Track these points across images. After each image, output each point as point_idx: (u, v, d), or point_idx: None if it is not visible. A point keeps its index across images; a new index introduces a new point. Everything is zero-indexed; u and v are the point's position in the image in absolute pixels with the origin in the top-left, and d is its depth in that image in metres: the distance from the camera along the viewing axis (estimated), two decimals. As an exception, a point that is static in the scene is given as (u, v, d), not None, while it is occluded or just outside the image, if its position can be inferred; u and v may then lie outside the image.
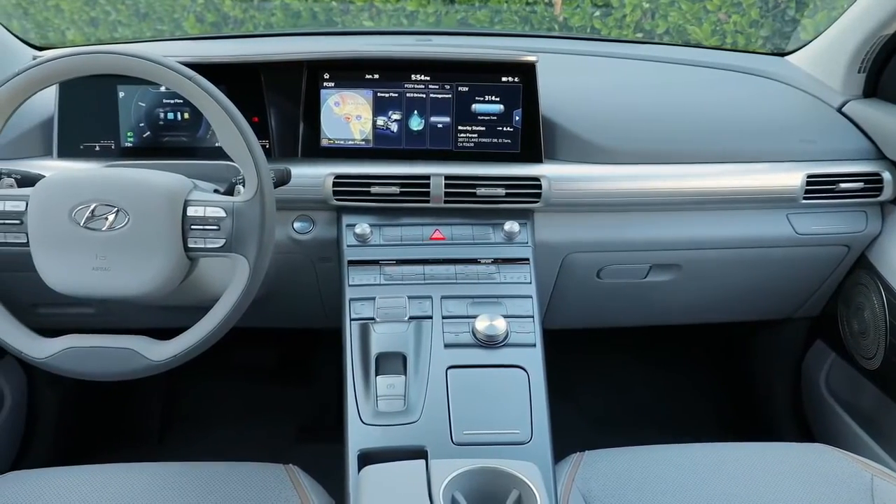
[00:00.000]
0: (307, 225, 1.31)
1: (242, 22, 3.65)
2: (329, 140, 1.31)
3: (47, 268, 0.99)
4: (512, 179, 1.27)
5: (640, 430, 1.93)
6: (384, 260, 1.25)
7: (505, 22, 3.06)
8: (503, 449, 1.02)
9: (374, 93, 1.30)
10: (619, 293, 1.49)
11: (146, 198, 0.97)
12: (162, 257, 0.98)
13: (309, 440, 1.90)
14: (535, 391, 1.09)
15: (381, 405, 1.06)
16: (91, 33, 4.09)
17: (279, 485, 1.03)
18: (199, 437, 1.93)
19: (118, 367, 0.99)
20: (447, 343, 1.14)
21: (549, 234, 1.33)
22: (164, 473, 1.05)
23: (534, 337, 1.15)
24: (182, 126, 1.32)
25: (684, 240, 1.38)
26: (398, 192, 1.26)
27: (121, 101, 1.30)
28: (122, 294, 0.99)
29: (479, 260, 1.26)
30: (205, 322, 1.00)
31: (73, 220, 0.96)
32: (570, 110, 1.37)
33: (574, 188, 1.30)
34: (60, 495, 0.99)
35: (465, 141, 1.31)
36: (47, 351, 1.00)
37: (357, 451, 1.02)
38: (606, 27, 2.94)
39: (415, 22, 3.17)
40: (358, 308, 1.18)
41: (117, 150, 1.32)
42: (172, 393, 2.00)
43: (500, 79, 1.30)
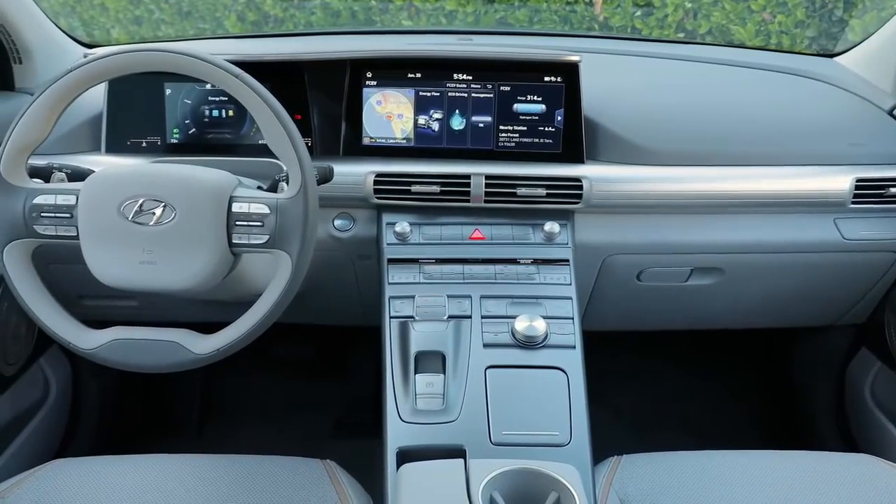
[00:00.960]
0: (347, 223, 1.32)
1: (283, 21, 3.68)
2: (370, 138, 1.32)
3: (96, 261, 1.00)
4: (553, 180, 1.27)
5: (676, 435, 1.90)
6: (424, 258, 1.25)
7: (544, 21, 3.04)
8: (541, 450, 1.01)
9: (416, 92, 1.30)
10: (659, 296, 1.47)
11: (193, 193, 0.98)
12: (207, 252, 0.99)
13: (344, 436, 1.92)
14: (574, 393, 1.08)
15: (420, 403, 1.07)
16: (135, 31, 4.17)
17: (317, 480, 1.04)
18: (236, 430, 1.95)
19: (163, 360, 1.01)
20: (486, 343, 1.13)
21: (590, 235, 1.32)
22: (204, 465, 1.06)
23: (573, 339, 1.15)
24: (226, 123, 1.34)
25: (727, 243, 1.36)
26: (438, 190, 1.27)
27: (167, 99, 1.33)
28: (168, 288, 1.01)
29: (518, 260, 1.25)
30: (247, 317, 1.01)
31: (122, 214, 0.98)
32: (612, 111, 1.36)
33: (616, 189, 1.29)
34: (104, 484, 1.01)
35: (506, 140, 1.31)
36: (94, 342, 1.02)
37: (396, 448, 1.02)
38: (647, 27, 2.91)
39: (453, 21, 3.17)
40: (397, 306, 1.18)
41: (163, 147, 1.34)
42: (210, 386, 2.03)
43: (542, 78, 1.29)
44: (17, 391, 1.49)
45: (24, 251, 1.02)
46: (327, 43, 1.89)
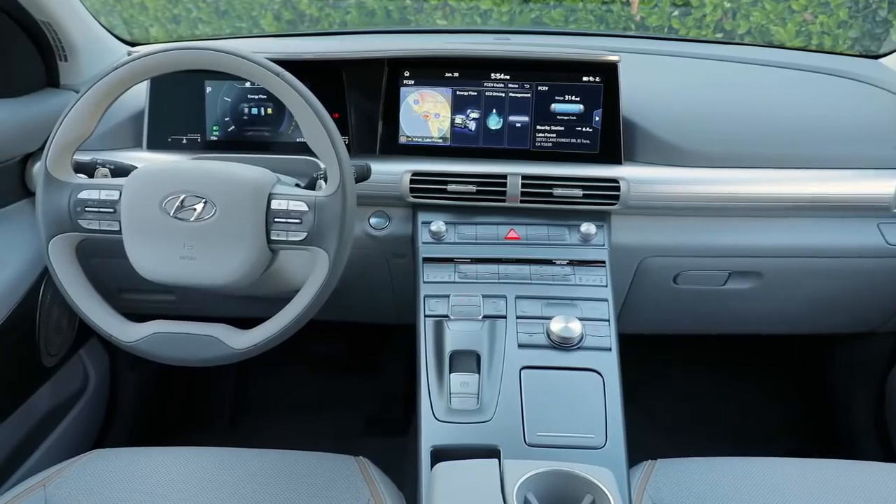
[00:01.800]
0: (383, 221, 1.33)
1: (318, 20, 3.71)
2: (407, 137, 1.32)
3: (137, 255, 1.02)
4: (590, 180, 1.26)
5: (709, 440, 1.88)
6: (459, 258, 1.25)
7: (580, 21, 3.02)
8: (576, 453, 1.01)
9: (454, 91, 1.30)
10: (695, 300, 1.45)
11: (233, 190, 0.99)
12: (246, 248, 1.00)
13: (374, 433, 1.92)
14: (609, 396, 1.07)
15: (455, 402, 1.06)
16: (173, 30, 4.23)
17: (350, 476, 1.05)
18: (268, 425, 1.97)
19: (201, 354, 1.02)
20: (521, 343, 1.13)
21: (626, 236, 1.31)
22: (239, 458, 1.07)
23: (609, 341, 1.14)
24: (265, 121, 1.35)
25: (766, 247, 1.34)
26: (474, 190, 1.26)
27: (208, 96, 1.34)
28: (207, 283, 1.02)
29: (554, 261, 1.25)
30: (285, 313, 1.02)
31: (164, 209, 0.99)
32: (650, 111, 1.34)
33: (653, 191, 1.27)
34: (142, 474, 1.03)
35: (543, 140, 1.30)
36: (135, 335, 1.03)
37: (430, 447, 1.02)
38: (685, 27, 2.87)
39: (488, 21, 3.16)
40: (432, 305, 1.19)
41: (202, 144, 1.36)
42: (244, 380, 2.05)
43: (580, 78, 1.28)
44: (57, 382, 1.52)
45: (69, 245, 1.04)
46: (364, 42, 1.90)
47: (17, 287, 1.27)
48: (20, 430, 1.43)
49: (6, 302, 1.24)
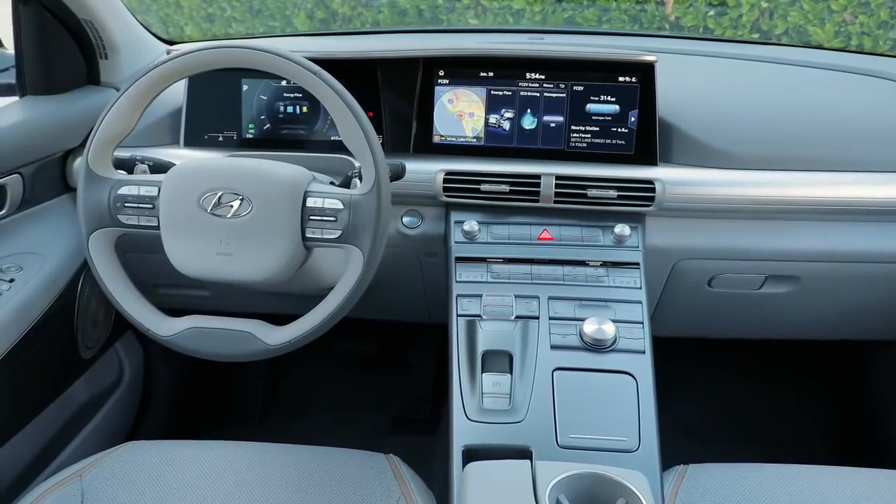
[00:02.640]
0: (416, 220, 1.33)
1: (350, 19, 3.73)
2: (441, 136, 1.32)
3: (175, 251, 1.03)
4: (625, 182, 1.25)
5: (740, 446, 1.85)
6: (491, 258, 1.25)
7: (613, 21, 3.00)
8: (609, 455, 1.00)
9: (488, 90, 1.30)
10: (730, 303, 1.43)
11: (270, 188, 1.00)
12: (281, 245, 1.01)
13: (403, 431, 1.93)
14: (643, 399, 1.06)
15: (487, 402, 1.06)
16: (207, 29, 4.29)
17: (381, 474, 1.05)
18: (297, 421, 1.99)
19: (236, 349, 1.03)
20: (554, 344, 1.12)
21: (660, 238, 1.30)
22: (271, 453, 1.08)
23: (643, 343, 1.13)
24: (300, 119, 1.36)
25: (805, 251, 1.31)
26: (508, 190, 1.26)
27: (244, 94, 1.36)
28: (243, 279, 1.03)
29: (587, 262, 1.24)
30: (319, 310, 1.02)
31: (201, 206, 1.00)
32: (685, 112, 1.33)
33: (689, 193, 1.26)
34: (177, 467, 1.04)
35: (577, 141, 1.29)
36: (172, 330, 1.05)
37: (462, 446, 1.02)
38: (720, 27, 2.84)
39: (520, 20, 3.16)
40: (465, 304, 1.19)
41: (238, 141, 1.37)
42: (274, 377, 2.07)
43: (616, 78, 1.27)
44: (93, 374, 1.55)
45: (108, 240, 1.05)
46: (397, 41, 1.90)
47: (58, 280, 1.30)
48: (57, 420, 1.46)
49: (47, 294, 1.26)
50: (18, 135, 1.26)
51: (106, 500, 0.99)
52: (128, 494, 1.00)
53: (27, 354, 1.22)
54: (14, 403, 1.24)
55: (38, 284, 1.25)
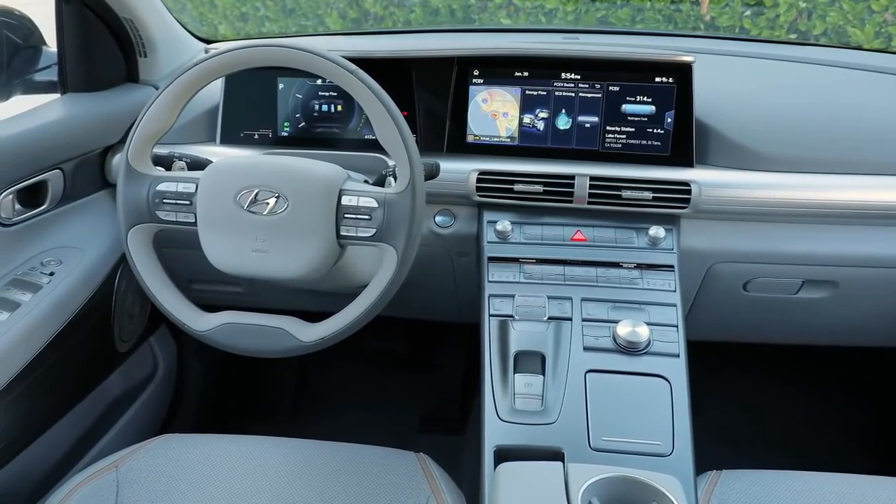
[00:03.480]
0: (448, 219, 1.33)
1: (382, 18, 3.74)
2: (475, 136, 1.32)
3: (211, 247, 1.04)
4: (660, 183, 1.24)
5: (772, 453, 1.83)
6: (524, 258, 1.24)
7: (647, 20, 2.98)
8: (642, 459, 0.99)
9: (523, 90, 1.30)
10: (766, 308, 1.41)
11: (305, 185, 1.01)
12: (316, 243, 1.01)
13: (431, 430, 1.93)
14: (677, 403, 1.05)
15: (519, 403, 1.06)
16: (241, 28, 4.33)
17: (411, 472, 1.05)
18: (326, 417, 2.00)
19: (270, 346, 1.04)
20: (587, 346, 1.12)
21: (696, 241, 1.28)
22: (302, 449, 1.09)
23: (677, 347, 1.11)
24: (334, 118, 1.37)
25: (843, 256, 1.29)
26: (541, 190, 1.26)
27: (280, 93, 1.37)
28: (278, 276, 1.04)
29: (621, 264, 1.23)
30: (352, 308, 1.03)
31: (238, 203, 1.01)
32: (722, 113, 1.31)
33: (726, 195, 1.24)
34: (210, 460, 1.05)
35: (612, 142, 1.28)
36: (207, 325, 1.06)
37: (493, 446, 1.02)
38: (757, 27, 2.80)
39: (553, 20, 3.15)
40: (497, 304, 1.18)
41: (273, 139, 1.38)
42: (304, 373, 2.08)
43: (653, 79, 1.26)
44: (128, 367, 1.57)
45: (147, 235, 1.07)
46: (430, 41, 1.90)
47: (96, 274, 1.32)
48: (93, 412, 1.49)
49: (85, 288, 1.28)
50: (60, 131, 1.29)
51: (140, 492, 1.00)
52: (162, 486, 1.01)
53: (66, 346, 1.24)
54: (53, 394, 1.27)
55: (77, 278, 1.27)
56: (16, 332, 1.13)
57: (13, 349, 1.13)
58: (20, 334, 1.14)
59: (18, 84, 1.36)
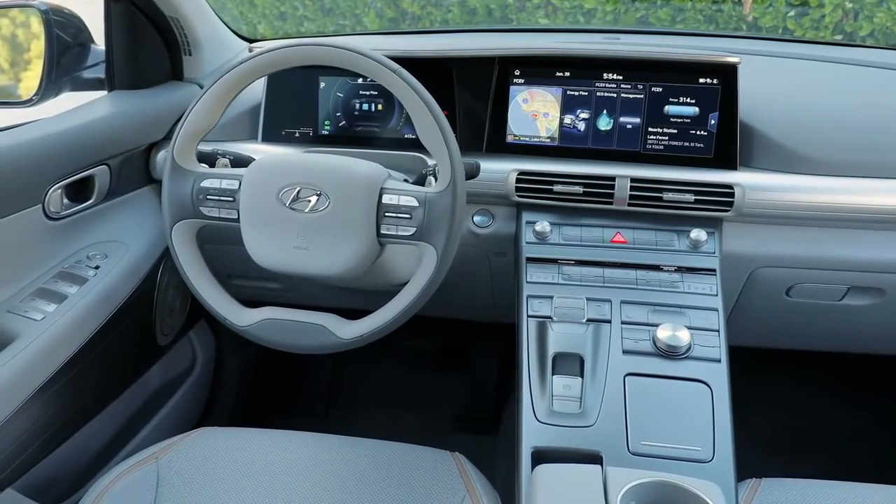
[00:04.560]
0: (486, 219, 1.33)
1: (420, 18, 3.75)
2: (514, 136, 1.32)
3: (254, 243, 1.05)
4: (702, 186, 1.22)
5: (812, 461, 1.79)
6: (563, 259, 1.23)
7: (688, 21, 2.94)
8: (682, 465, 0.98)
9: (564, 90, 1.29)
10: (809, 314, 1.38)
11: (347, 184, 1.01)
12: (356, 241, 1.02)
13: (464, 430, 1.93)
14: (718, 409, 1.03)
15: (557, 405, 1.05)
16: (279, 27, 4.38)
17: (446, 472, 1.05)
18: (360, 415, 2.01)
19: (310, 342, 1.05)
20: (626, 349, 1.11)
21: (738, 245, 1.26)
22: (338, 445, 1.10)
23: (719, 352, 1.10)
24: (375, 116, 1.38)
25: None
26: (581, 191, 1.25)
27: (321, 92, 1.38)
28: (318, 273, 1.04)
29: (661, 267, 1.21)
30: (391, 306, 1.03)
31: (280, 200, 1.02)
32: (766, 115, 1.29)
33: (770, 199, 1.22)
34: (249, 454, 1.07)
35: (654, 143, 1.27)
36: (248, 320, 1.07)
37: (531, 448, 1.01)
38: (801, 28, 2.75)
39: (591, 20, 3.12)
40: (535, 305, 1.18)
41: (314, 137, 1.39)
42: (339, 370, 2.10)
43: (697, 80, 1.24)
44: (168, 361, 1.60)
45: (191, 231, 1.08)
46: (469, 40, 1.90)
47: (139, 268, 1.34)
48: (133, 404, 1.52)
49: (129, 282, 1.31)
50: (107, 127, 1.32)
51: (180, 483, 1.02)
52: (201, 478, 1.03)
53: (110, 339, 1.27)
54: (96, 385, 1.29)
55: (122, 272, 1.29)
56: (62, 323, 1.16)
57: (60, 340, 1.15)
58: (67, 326, 1.17)
59: (67, 81, 1.38)
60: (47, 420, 1.16)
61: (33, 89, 1.34)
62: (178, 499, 1.00)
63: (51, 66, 1.33)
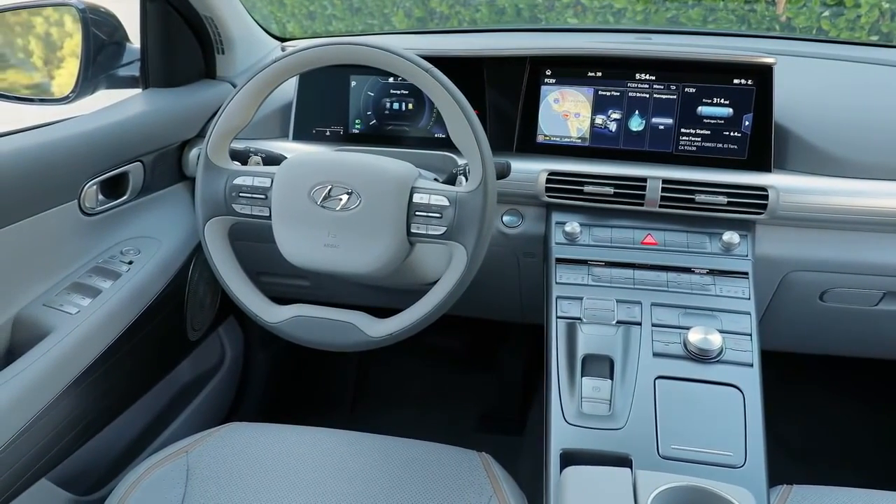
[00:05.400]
0: (516, 219, 1.32)
1: (448, 17, 3.75)
2: (545, 136, 1.31)
3: (285, 240, 1.06)
4: (736, 188, 1.20)
5: (844, 469, 1.76)
6: (593, 260, 1.23)
7: (720, 21, 2.90)
8: (713, 470, 0.96)
9: (596, 91, 1.28)
10: (843, 319, 1.36)
11: (378, 182, 1.02)
12: (386, 240, 1.02)
13: (490, 430, 1.93)
14: (750, 414, 1.02)
15: (586, 407, 1.05)
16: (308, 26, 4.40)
17: (473, 471, 1.05)
18: (386, 413, 2.02)
19: (339, 339, 1.05)
20: (656, 352, 1.10)
21: (771, 248, 1.25)
22: (366, 443, 1.10)
23: (751, 356, 1.08)
24: (405, 116, 1.38)
25: None
26: (612, 192, 1.24)
27: (352, 90, 1.39)
28: (347, 271, 1.05)
29: (692, 269, 1.20)
30: (420, 305, 1.03)
31: (312, 198, 1.03)
32: (801, 116, 1.27)
33: (805, 202, 1.20)
34: (276, 449, 1.08)
35: (686, 144, 1.26)
36: (278, 317, 1.08)
37: (560, 449, 1.01)
38: (836, 28, 2.70)
39: (621, 20, 3.10)
40: (565, 306, 1.17)
41: (345, 136, 1.40)
42: (365, 367, 2.10)
43: (731, 81, 1.23)
44: (198, 356, 1.62)
45: (223, 227, 1.09)
46: (500, 40, 1.90)
47: (171, 264, 1.36)
48: (163, 398, 1.53)
49: (161, 277, 1.33)
50: (141, 125, 1.33)
51: (209, 476, 1.03)
52: (230, 472, 1.04)
53: (142, 333, 1.28)
54: (128, 379, 1.31)
55: (154, 267, 1.31)
56: (97, 317, 1.18)
57: (94, 334, 1.17)
58: (100, 320, 1.18)
59: (103, 78, 1.40)
60: (81, 412, 1.18)
61: (66, 86, 1.36)
62: (208, 492, 1.01)
63: (87, 64, 1.35)
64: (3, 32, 1.39)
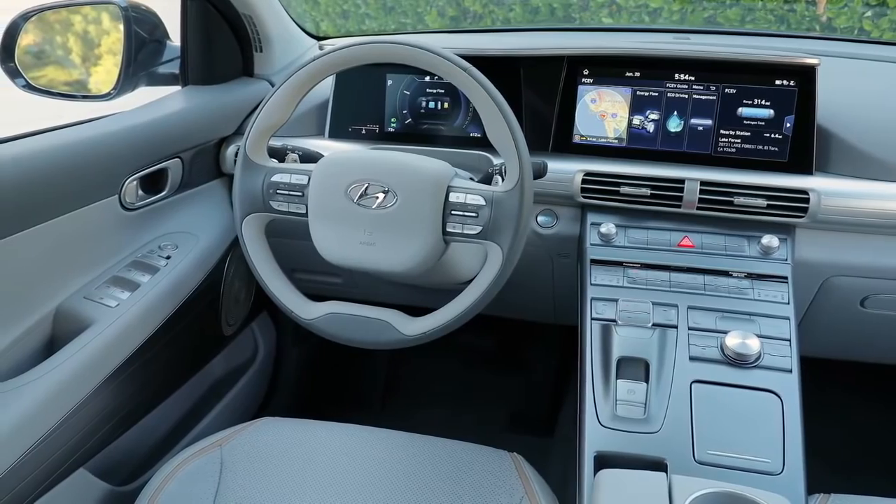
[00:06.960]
0: (550, 219, 1.32)
1: (482, 17, 3.75)
2: (581, 136, 1.30)
3: (321, 238, 1.07)
4: (776, 190, 1.18)
5: (882, 479, 1.72)
6: (628, 262, 1.21)
7: (758, 21, 2.86)
8: (750, 476, 0.95)
9: (633, 91, 1.27)
10: (885, 326, 1.33)
11: (415, 181, 1.02)
12: (422, 238, 1.02)
13: (519, 430, 1.92)
14: (789, 420, 1.00)
15: (621, 410, 1.04)
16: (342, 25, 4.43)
17: (505, 471, 1.05)
18: (416, 411, 2.02)
19: (373, 337, 1.06)
20: (692, 356, 1.08)
21: (811, 252, 1.22)
22: (397, 440, 1.11)
23: (790, 362, 1.07)
24: (440, 115, 1.38)
25: None
26: (648, 193, 1.23)
27: (388, 89, 1.39)
28: (382, 268, 1.05)
29: (730, 273, 1.18)
30: (455, 304, 1.03)
31: (348, 196, 1.03)
32: (844, 118, 1.25)
33: (847, 205, 1.18)
34: (308, 444, 1.09)
35: (726, 146, 1.24)
36: (313, 314, 1.08)
37: (594, 452, 1.00)
38: (878, 29, 2.65)
39: (657, 19, 3.07)
40: (600, 308, 1.16)
41: (380, 135, 1.40)
42: (396, 365, 2.11)
43: (773, 81, 1.21)
44: (231, 351, 1.63)
45: (260, 224, 1.10)
46: (534, 39, 1.89)
47: (208, 260, 1.38)
48: (197, 392, 1.55)
49: (198, 273, 1.34)
50: (181, 122, 1.35)
51: (243, 470, 1.04)
52: (262, 466, 1.05)
53: (178, 327, 1.30)
54: (164, 372, 1.33)
55: (191, 263, 1.33)
56: (135, 311, 1.20)
57: (132, 327, 1.19)
58: (139, 313, 1.20)
59: (143, 76, 1.43)
60: (118, 404, 1.20)
61: (103, 83, 1.38)
62: (241, 485, 1.02)
63: (128, 61, 1.37)
64: (44, 30, 1.41)
